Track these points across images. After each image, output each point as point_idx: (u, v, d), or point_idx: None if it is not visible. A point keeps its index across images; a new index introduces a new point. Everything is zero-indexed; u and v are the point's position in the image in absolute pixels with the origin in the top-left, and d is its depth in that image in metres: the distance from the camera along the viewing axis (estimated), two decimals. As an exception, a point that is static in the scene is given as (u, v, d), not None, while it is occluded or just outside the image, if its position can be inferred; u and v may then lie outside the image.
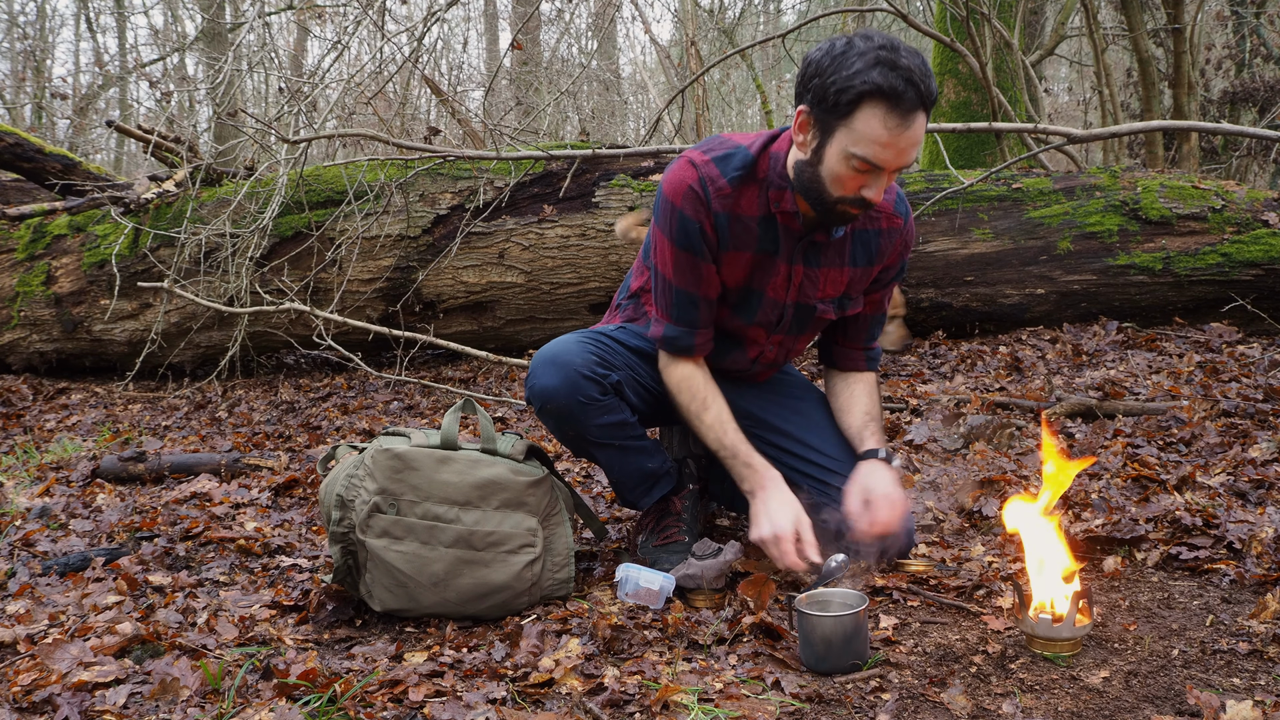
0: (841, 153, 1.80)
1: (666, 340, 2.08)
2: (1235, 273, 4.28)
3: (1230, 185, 4.67)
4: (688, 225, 1.97)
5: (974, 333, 4.65)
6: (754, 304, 2.09)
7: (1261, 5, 8.41)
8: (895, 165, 1.80)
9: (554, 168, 4.81)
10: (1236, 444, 2.78)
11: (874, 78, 1.72)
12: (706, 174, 1.95)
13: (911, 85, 1.73)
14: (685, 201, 1.96)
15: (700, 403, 2.07)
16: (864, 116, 1.76)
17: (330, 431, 3.87)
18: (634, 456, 2.12)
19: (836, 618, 1.67)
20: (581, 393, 2.00)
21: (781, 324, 2.14)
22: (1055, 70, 13.60)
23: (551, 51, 12.46)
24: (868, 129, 1.76)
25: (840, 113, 1.77)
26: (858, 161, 1.79)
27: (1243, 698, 1.50)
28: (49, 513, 2.83)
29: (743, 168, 1.96)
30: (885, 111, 1.74)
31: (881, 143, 1.76)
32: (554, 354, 2.03)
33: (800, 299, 2.10)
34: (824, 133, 1.82)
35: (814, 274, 2.07)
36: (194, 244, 4.83)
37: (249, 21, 6.95)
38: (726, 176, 1.96)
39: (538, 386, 2.02)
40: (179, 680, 1.65)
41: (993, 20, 5.65)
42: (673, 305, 2.05)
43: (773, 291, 2.07)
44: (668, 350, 2.10)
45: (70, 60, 17.45)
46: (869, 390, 2.24)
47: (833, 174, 1.84)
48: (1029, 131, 4.54)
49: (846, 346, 2.25)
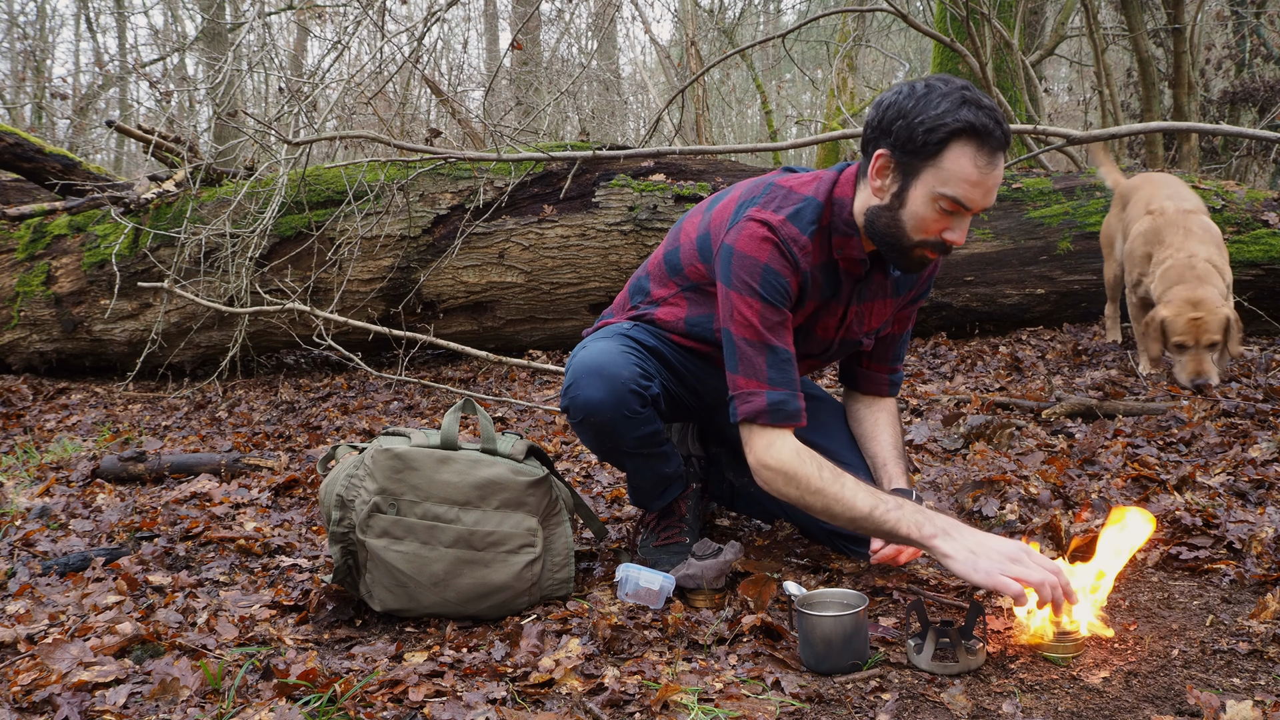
0: (928, 194, 1.77)
1: (772, 409, 1.85)
2: (1235, 273, 4.28)
3: (1230, 185, 4.67)
4: (776, 281, 1.86)
5: (974, 333, 4.65)
6: (804, 341, 2.05)
7: (1261, 5, 8.41)
8: (981, 205, 1.78)
9: (554, 168, 4.81)
10: (1236, 444, 2.78)
11: (965, 115, 1.72)
12: (787, 234, 1.88)
13: (998, 124, 1.73)
14: (771, 259, 1.86)
15: (832, 470, 1.83)
16: (953, 155, 1.74)
17: (330, 431, 3.87)
18: (658, 463, 2.10)
19: (836, 618, 1.67)
20: (627, 407, 1.93)
21: (825, 355, 2.12)
22: (1055, 70, 13.60)
23: (551, 51, 12.47)
24: (957, 168, 1.74)
25: (929, 153, 1.75)
26: (946, 202, 1.77)
27: (1243, 698, 1.50)
28: (49, 513, 2.83)
29: (815, 221, 1.91)
30: (975, 150, 1.73)
31: (972, 181, 1.74)
32: (599, 364, 1.93)
33: (847, 335, 2.08)
34: (907, 175, 1.79)
35: (862, 309, 2.06)
36: (194, 244, 4.83)
37: (249, 21, 6.95)
38: (806, 234, 1.89)
39: (580, 399, 1.93)
40: (179, 680, 1.65)
41: (993, 20, 5.66)
42: (770, 368, 1.86)
43: (822, 331, 2.05)
44: (771, 421, 1.85)
45: (70, 60, 17.46)
46: (892, 420, 2.22)
47: (916, 217, 1.80)
48: (1029, 132, 4.54)
49: (872, 369, 2.23)
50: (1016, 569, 1.65)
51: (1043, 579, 1.63)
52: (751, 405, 1.86)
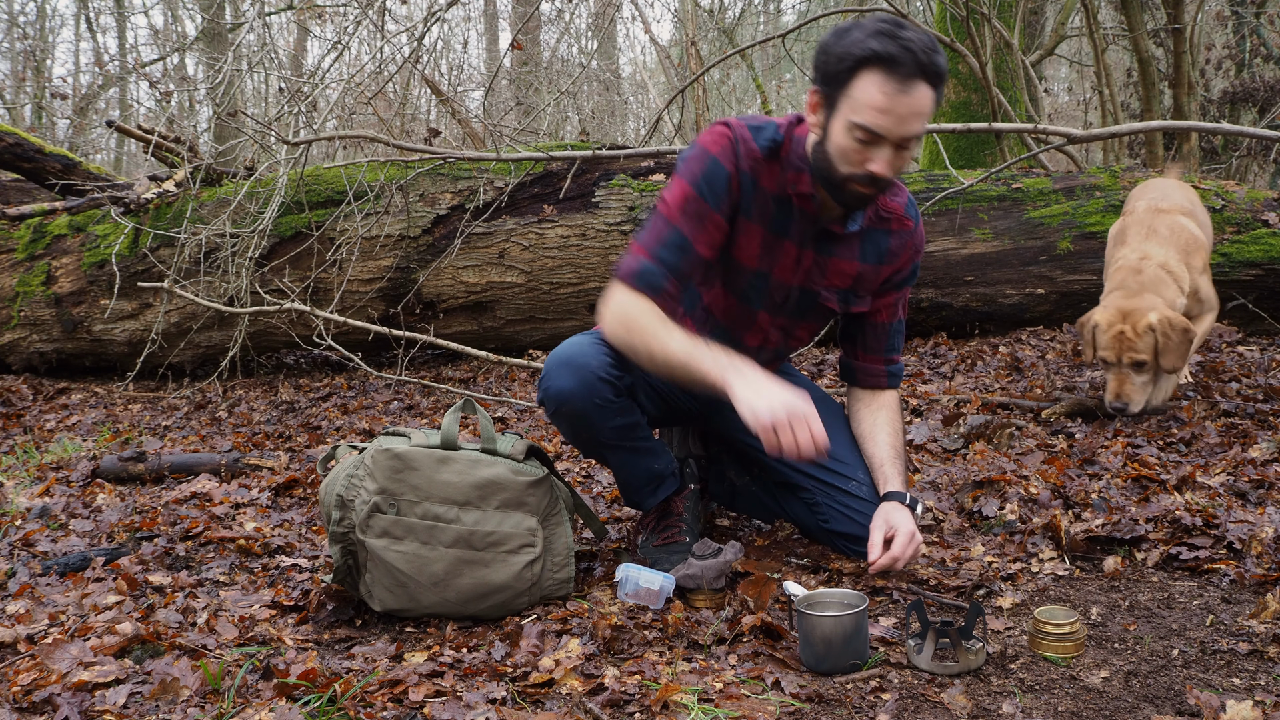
0: (845, 124, 1.81)
1: (639, 274, 1.92)
2: (1235, 272, 4.28)
3: (1230, 185, 4.67)
4: (716, 170, 1.94)
5: (974, 333, 4.65)
6: (764, 288, 2.09)
7: (1261, 5, 8.41)
8: (897, 134, 1.79)
9: (554, 168, 4.81)
10: (1236, 444, 2.78)
11: (871, 44, 1.75)
12: (741, 135, 1.97)
13: (909, 52, 1.74)
14: (719, 150, 1.95)
15: (664, 321, 1.88)
16: (861, 83, 1.77)
17: (330, 431, 3.87)
18: (643, 458, 2.11)
19: (836, 618, 1.67)
20: (598, 395, 1.97)
21: (785, 306, 2.13)
22: (1055, 70, 13.60)
23: (551, 51, 12.46)
24: (865, 95, 1.77)
25: (840, 82, 1.80)
26: (860, 131, 1.80)
27: (1243, 698, 1.50)
28: (49, 513, 2.83)
29: (771, 142, 1.98)
30: (883, 77, 1.75)
31: (879, 108, 1.77)
32: (568, 356, 1.99)
33: (807, 283, 2.10)
34: (829, 107, 1.84)
35: (824, 261, 2.08)
36: (194, 244, 4.83)
37: (249, 21, 6.95)
38: (758, 142, 1.97)
39: (553, 389, 1.99)
40: (179, 680, 1.65)
41: (993, 20, 5.65)
42: (662, 244, 1.93)
43: (780, 274, 2.08)
44: (634, 284, 1.92)
45: (70, 60, 17.46)
46: (890, 418, 2.20)
47: (839, 149, 1.84)
48: (1029, 132, 4.54)
49: (866, 361, 2.23)
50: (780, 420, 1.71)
51: (790, 441, 1.72)
52: (625, 266, 1.95)
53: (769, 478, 2.32)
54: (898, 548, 1.97)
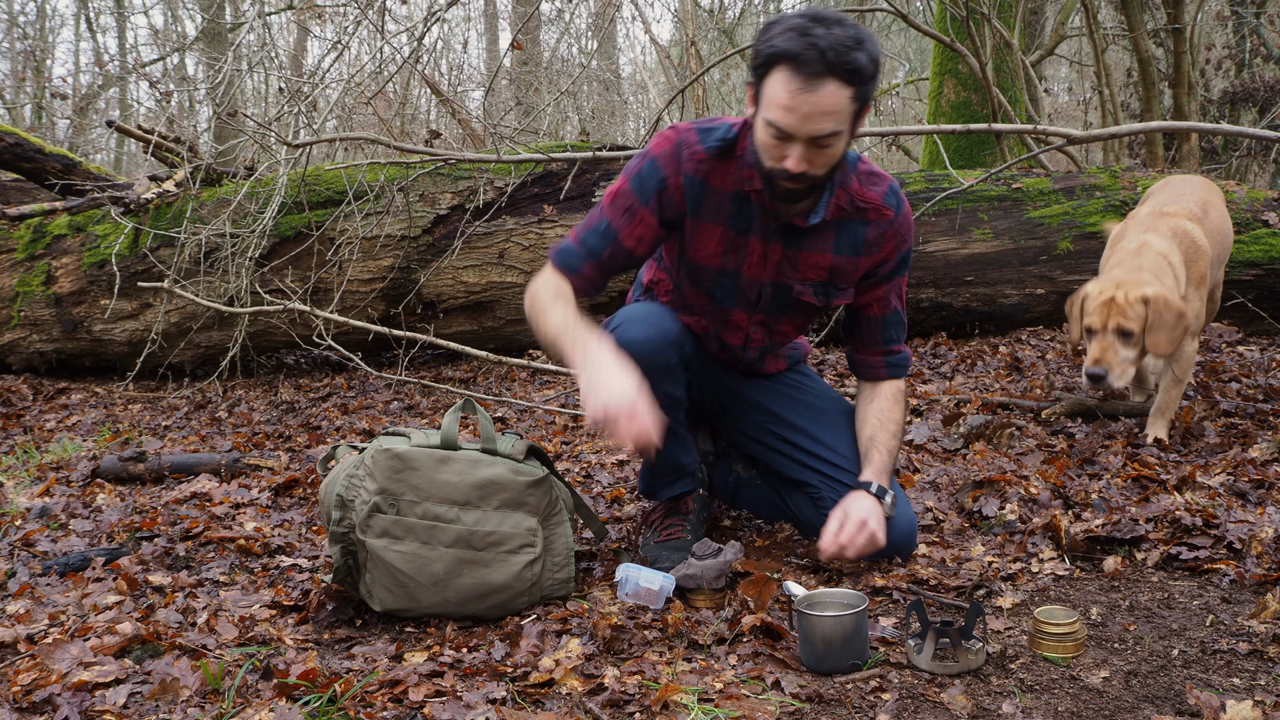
0: (762, 121, 1.84)
1: (559, 253, 2.07)
2: (1235, 272, 4.28)
3: (1230, 185, 4.67)
4: (652, 172, 2.01)
5: (974, 333, 4.65)
6: (732, 286, 2.09)
7: (1261, 5, 8.41)
8: (804, 132, 1.79)
9: (554, 168, 4.81)
10: (1236, 444, 2.78)
11: (779, 43, 1.76)
12: (685, 139, 2.00)
13: (815, 50, 1.73)
14: (661, 155, 2.00)
15: (558, 300, 1.99)
16: (771, 81, 1.80)
17: (330, 431, 3.87)
18: (673, 445, 2.11)
19: (836, 618, 1.67)
20: (665, 356, 2.02)
21: (760, 304, 2.13)
22: (1055, 70, 13.60)
23: (551, 51, 12.47)
24: (772, 92, 1.79)
25: (759, 77, 1.83)
26: (771, 128, 1.82)
27: (1243, 698, 1.50)
28: (49, 513, 2.83)
29: (722, 141, 1.99)
30: (789, 75, 1.76)
31: (783, 105, 1.77)
32: (645, 313, 2.05)
33: (778, 278, 2.09)
34: (755, 103, 1.88)
35: (794, 255, 2.06)
36: (194, 244, 4.83)
37: (249, 21, 6.95)
38: (704, 144, 1.99)
39: (624, 336, 2.00)
40: (179, 680, 1.65)
41: (993, 20, 5.65)
42: (589, 230, 2.06)
43: (749, 270, 2.08)
44: (553, 262, 2.07)
45: (70, 60, 17.46)
46: (883, 407, 2.19)
47: (760, 144, 1.88)
48: (1029, 132, 4.54)
49: (865, 353, 2.23)
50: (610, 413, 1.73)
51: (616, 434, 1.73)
52: (554, 246, 2.09)
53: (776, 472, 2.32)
54: (845, 535, 1.98)
